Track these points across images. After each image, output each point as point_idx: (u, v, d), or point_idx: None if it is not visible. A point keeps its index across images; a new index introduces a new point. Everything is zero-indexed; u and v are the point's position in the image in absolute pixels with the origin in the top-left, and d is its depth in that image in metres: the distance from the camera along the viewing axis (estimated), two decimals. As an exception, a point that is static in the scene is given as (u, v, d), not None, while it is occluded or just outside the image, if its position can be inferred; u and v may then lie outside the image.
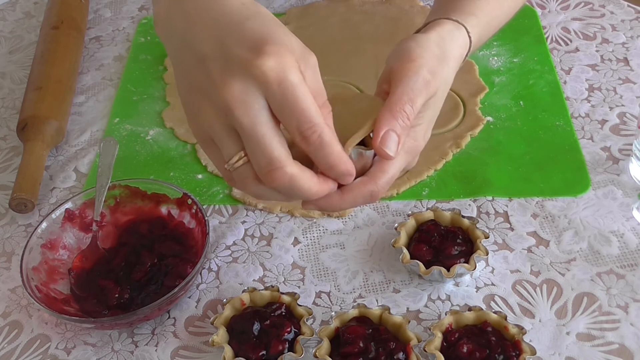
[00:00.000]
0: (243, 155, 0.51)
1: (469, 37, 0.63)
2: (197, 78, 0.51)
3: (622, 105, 0.82)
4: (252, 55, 0.48)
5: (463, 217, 0.69)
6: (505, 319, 0.61)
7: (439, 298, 0.66)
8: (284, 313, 0.63)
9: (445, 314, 0.62)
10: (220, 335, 0.62)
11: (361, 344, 0.60)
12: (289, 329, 0.61)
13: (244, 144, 0.50)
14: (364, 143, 0.55)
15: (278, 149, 0.49)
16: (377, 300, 0.66)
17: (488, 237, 0.68)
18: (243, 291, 0.65)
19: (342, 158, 0.51)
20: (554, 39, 0.92)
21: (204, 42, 0.50)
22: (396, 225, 0.69)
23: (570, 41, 0.92)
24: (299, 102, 0.48)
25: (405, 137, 0.55)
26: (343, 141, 0.52)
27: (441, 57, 0.59)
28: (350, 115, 0.55)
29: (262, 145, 0.49)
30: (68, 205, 0.71)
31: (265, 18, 0.51)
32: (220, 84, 0.49)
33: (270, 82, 0.48)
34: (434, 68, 0.57)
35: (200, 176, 0.79)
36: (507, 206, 0.73)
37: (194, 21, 0.52)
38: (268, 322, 0.62)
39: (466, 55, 0.64)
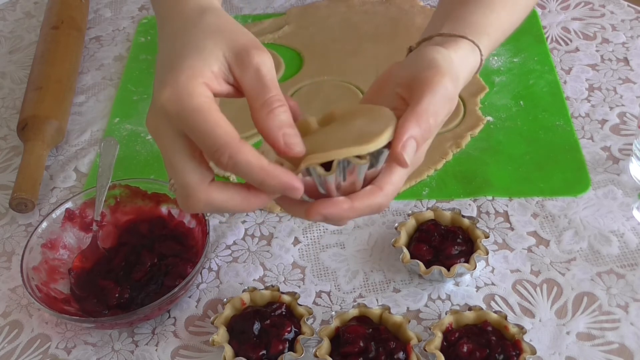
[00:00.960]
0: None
1: (481, 59, 0.61)
2: None
3: (622, 105, 0.82)
4: (158, 88, 0.49)
5: (463, 216, 0.69)
6: (506, 318, 0.61)
7: (439, 298, 0.66)
8: (284, 313, 0.63)
9: (446, 314, 0.62)
10: (221, 335, 0.62)
11: (361, 344, 0.60)
12: (289, 329, 0.61)
13: None
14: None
15: (188, 174, 0.49)
16: (377, 300, 0.66)
17: (488, 237, 0.68)
18: (243, 291, 0.65)
19: (269, 171, 0.47)
20: (554, 38, 0.92)
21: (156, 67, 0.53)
22: (396, 224, 0.69)
23: (571, 41, 0.92)
24: (200, 128, 0.47)
25: (422, 147, 0.53)
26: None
27: (457, 76, 0.56)
28: (350, 129, 0.52)
29: (176, 173, 0.49)
30: (68, 205, 0.71)
31: (193, 32, 0.51)
32: (147, 118, 0.50)
33: (170, 114, 0.48)
34: (456, 86, 0.55)
35: (200, 176, 0.79)
36: (507, 206, 0.73)
37: (159, 45, 0.55)
38: (268, 321, 0.62)
39: (473, 75, 0.63)
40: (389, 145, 0.50)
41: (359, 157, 0.49)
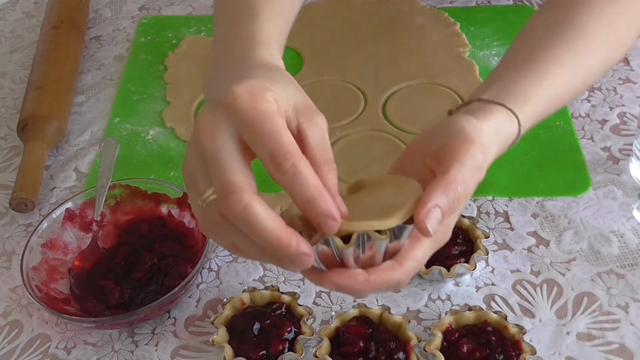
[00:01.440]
0: (213, 191, 0.48)
1: (519, 129, 0.57)
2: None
3: (622, 105, 0.82)
4: (228, 86, 0.47)
5: (463, 216, 0.69)
6: (506, 318, 0.61)
7: (439, 298, 0.66)
8: (284, 313, 0.63)
9: (446, 314, 0.62)
10: (221, 335, 0.62)
11: (361, 344, 0.60)
12: (289, 329, 0.61)
13: None
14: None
15: (238, 175, 0.46)
16: (377, 300, 0.66)
17: (488, 237, 0.68)
18: (243, 291, 0.65)
19: (323, 193, 0.45)
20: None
21: (212, 89, 0.53)
22: (396, 225, 0.69)
23: (571, 41, 0.92)
24: (270, 128, 0.45)
25: (447, 218, 0.50)
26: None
27: (487, 148, 0.54)
28: (375, 200, 0.50)
29: (222, 170, 0.46)
30: (68, 204, 0.71)
31: (273, 71, 0.52)
32: (199, 116, 0.48)
33: (240, 108, 0.46)
34: (486, 156, 0.53)
35: (200, 176, 0.79)
36: (507, 206, 0.73)
37: (215, 77, 0.55)
38: (268, 321, 0.62)
39: (509, 146, 0.58)
40: (412, 220, 0.48)
41: (379, 231, 0.47)
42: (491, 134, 0.54)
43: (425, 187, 0.49)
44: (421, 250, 0.50)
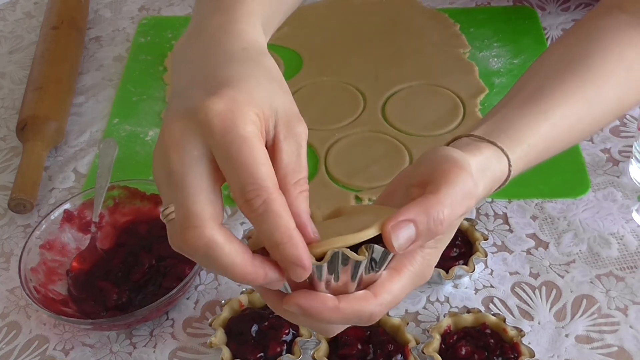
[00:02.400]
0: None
1: (509, 170, 0.53)
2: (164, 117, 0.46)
3: (623, 107, 0.82)
4: (205, 96, 0.42)
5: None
6: (504, 321, 0.61)
7: (437, 300, 0.66)
8: (282, 315, 0.63)
9: (444, 316, 0.62)
10: (219, 337, 0.61)
11: (359, 346, 0.60)
12: (287, 331, 0.61)
13: None
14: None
15: (201, 203, 0.41)
16: (375, 302, 0.66)
17: (487, 239, 0.67)
18: (241, 292, 0.65)
19: (293, 237, 0.41)
20: (554, 40, 0.92)
21: (180, 79, 0.46)
22: (395, 226, 0.69)
23: (571, 42, 0.91)
24: (244, 158, 0.40)
25: (421, 244, 0.45)
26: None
27: (475, 181, 0.49)
28: (350, 223, 0.46)
29: (185, 197, 0.41)
30: (67, 206, 0.71)
31: (254, 66, 0.46)
32: (165, 123, 0.43)
33: (213, 130, 0.41)
34: (474, 185, 0.48)
35: (199, 177, 0.79)
36: (506, 208, 0.73)
37: (187, 56, 0.48)
38: (266, 323, 0.62)
39: (498, 187, 0.54)
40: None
41: (358, 252, 0.43)
42: (477, 168, 0.50)
43: None
44: (399, 284, 0.46)
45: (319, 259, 0.43)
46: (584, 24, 0.65)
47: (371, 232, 0.43)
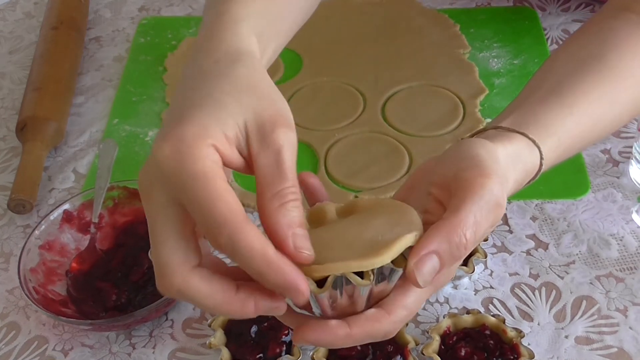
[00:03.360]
0: None
1: (541, 162, 0.52)
2: None
3: (623, 108, 0.82)
4: (158, 139, 0.41)
5: (462, 219, 0.69)
6: (504, 322, 0.61)
7: (437, 301, 0.66)
8: (281, 315, 0.63)
9: (444, 317, 0.62)
10: (218, 338, 0.61)
11: (358, 347, 0.59)
12: (286, 331, 0.61)
13: None
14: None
15: (170, 252, 0.40)
16: (375, 303, 0.66)
17: (487, 240, 0.67)
18: (241, 293, 0.65)
19: (273, 263, 0.39)
20: (554, 40, 0.92)
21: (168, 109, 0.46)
22: (395, 227, 0.69)
23: (571, 43, 0.91)
24: (198, 198, 0.39)
25: (446, 270, 0.43)
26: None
27: (506, 175, 0.47)
28: (361, 231, 0.43)
29: (155, 245, 0.41)
30: (66, 206, 0.71)
31: (220, 81, 0.44)
32: (140, 171, 0.43)
33: (166, 175, 0.40)
34: (504, 188, 0.45)
35: (199, 177, 0.79)
36: (506, 209, 0.72)
37: (180, 80, 0.48)
38: (266, 324, 0.62)
39: (530, 181, 0.52)
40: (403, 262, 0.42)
41: (362, 274, 0.41)
42: (507, 161, 0.48)
43: (429, 221, 0.43)
44: (413, 297, 0.43)
45: (321, 280, 0.41)
46: (593, 25, 0.65)
47: (378, 262, 0.40)
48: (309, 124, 0.83)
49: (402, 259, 0.42)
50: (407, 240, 0.41)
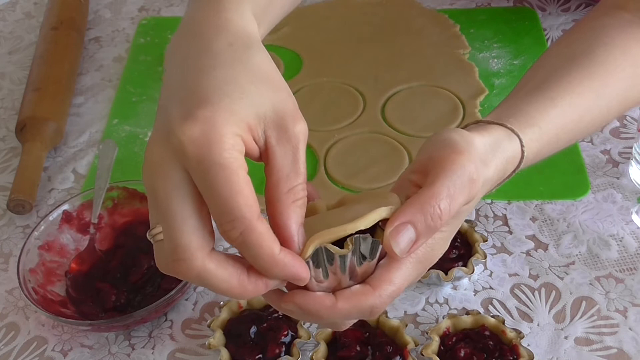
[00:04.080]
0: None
1: (522, 150, 0.52)
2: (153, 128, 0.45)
3: (623, 108, 0.82)
4: (180, 119, 0.40)
5: (461, 220, 0.69)
6: (503, 323, 0.61)
7: (436, 301, 0.66)
8: (280, 316, 0.63)
9: (443, 318, 0.62)
10: (217, 338, 0.61)
11: (358, 348, 0.59)
12: (285, 332, 0.61)
13: None
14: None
15: (189, 234, 0.40)
16: (374, 304, 0.66)
17: (486, 241, 0.67)
18: (240, 294, 0.65)
19: (278, 262, 0.40)
20: (554, 40, 0.92)
21: (165, 90, 0.44)
22: (394, 228, 0.69)
23: (571, 43, 0.91)
24: (220, 188, 0.39)
25: (425, 241, 0.45)
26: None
27: (483, 161, 0.48)
28: (344, 215, 0.45)
29: (172, 227, 0.40)
30: (66, 206, 0.71)
31: (239, 68, 0.43)
32: (149, 143, 0.42)
33: (188, 157, 0.39)
34: (479, 168, 0.47)
35: (198, 178, 0.79)
36: (505, 209, 0.73)
37: (175, 60, 0.46)
38: (265, 325, 0.62)
39: (513, 171, 0.53)
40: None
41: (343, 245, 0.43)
42: (486, 148, 0.49)
43: None
44: (399, 272, 0.45)
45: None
46: (586, 23, 0.65)
47: (352, 228, 0.42)
48: (308, 124, 0.80)
49: (349, 244, 0.43)
50: (382, 212, 0.43)
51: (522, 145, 0.52)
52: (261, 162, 0.43)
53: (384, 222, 0.44)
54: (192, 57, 0.45)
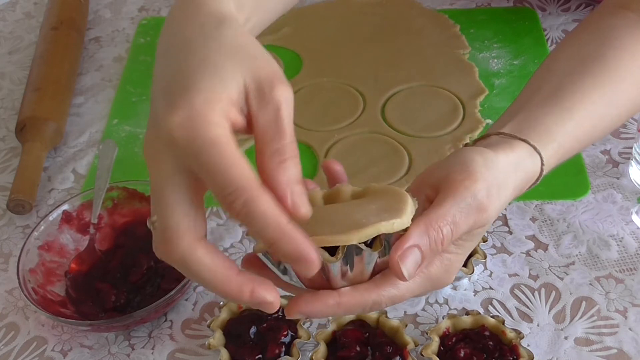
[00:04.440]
0: None
1: (542, 168, 0.53)
2: None
3: (623, 108, 0.82)
4: (165, 109, 0.41)
5: (461, 220, 0.69)
6: (503, 323, 0.61)
7: (436, 302, 0.66)
8: (280, 316, 0.63)
9: (443, 318, 0.62)
10: (217, 339, 0.61)
11: (358, 348, 0.59)
12: (285, 332, 0.61)
13: None
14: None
15: (178, 216, 0.41)
16: (374, 304, 0.66)
17: (486, 241, 0.67)
18: (240, 294, 0.65)
19: (287, 232, 0.40)
20: (554, 41, 0.92)
21: (153, 82, 0.45)
22: (394, 228, 0.69)
23: (571, 43, 0.91)
24: (214, 164, 0.39)
25: (430, 262, 0.46)
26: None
27: (502, 185, 0.49)
28: (359, 213, 0.45)
29: (163, 210, 0.41)
30: (66, 207, 0.71)
31: (211, 46, 0.44)
32: (145, 137, 0.43)
33: (179, 143, 0.40)
34: (493, 196, 0.48)
35: (198, 178, 0.79)
36: (505, 209, 0.73)
37: (159, 53, 0.46)
38: (265, 325, 0.62)
39: (531, 186, 0.54)
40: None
41: (372, 243, 0.44)
42: (508, 170, 0.50)
43: None
44: (408, 283, 0.46)
45: (330, 250, 0.43)
46: (591, 24, 0.65)
47: (344, 240, 0.43)
48: (308, 124, 0.83)
49: (379, 244, 0.44)
50: (380, 227, 0.43)
51: (542, 164, 0.53)
52: (251, 134, 0.43)
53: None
54: (169, 48, 0.46)
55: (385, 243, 0.44)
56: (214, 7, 0.47)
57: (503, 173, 0.49)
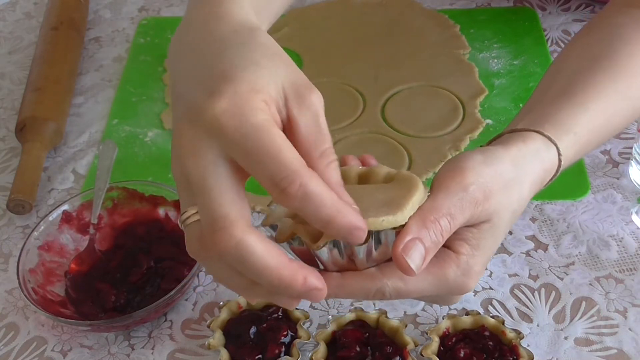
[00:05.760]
0: (196, 211, 0.43)
1: (559, 159, 0.53)
2: (173, 120, 0.46)
3: (623, 108, 0.82)
4: (205, 98, 0.41)
5: (461, 220, 0.69)
6: (503, 323, 0.61)
7: (436, 302, 0.66)
8: (280, 316, 0.63)
9: (443, 318, 0.62)
10: (217, 339, 0.61)
11: (358, 348, 0.59)
12: (285, 333, 0.61)
13: None
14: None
15: (228, 206, 0.40)
16: (374, 304, 0.66)
17: (486, 241, 0.67)
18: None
19: (341, 207, 0.40)
20: (554, 41, 0.92)
21: (180, 79, 0.45)
22: (394, 228, 0.69)
23: (571, 43, 0.91)
24: (266, 148, 0.39)
25: (433, 254, 0.46)
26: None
27: (513, 180, 0.49)
28: (375, 202, 0.46)
29: (209, 201, 0.40)
30: (65, 207, 0.71)
31: (249, 47, 0.44)
32: (176, 130, 0.43)
33: (224, 129, 0.40)
34: (492, 191, 0.48)
35: (198, 178, 0.79)
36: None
37: (182, 52, 0.47)
38: (265, 325, 0.62)
39: (551, 179, 0.55)
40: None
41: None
42: (520, 163, 0.50)
43: None
44: (420, 280, 0.46)
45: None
46: (600, 22, 0.65)
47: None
48: None
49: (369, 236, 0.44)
50: (370, 222, 0.43)
51: (559, 154, 0.53)
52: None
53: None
54: (200, 45, 0.46)
55: (374, 236, 0.44)
56: (242, 15, 0.48)
57: (511, 167, 0.50)
